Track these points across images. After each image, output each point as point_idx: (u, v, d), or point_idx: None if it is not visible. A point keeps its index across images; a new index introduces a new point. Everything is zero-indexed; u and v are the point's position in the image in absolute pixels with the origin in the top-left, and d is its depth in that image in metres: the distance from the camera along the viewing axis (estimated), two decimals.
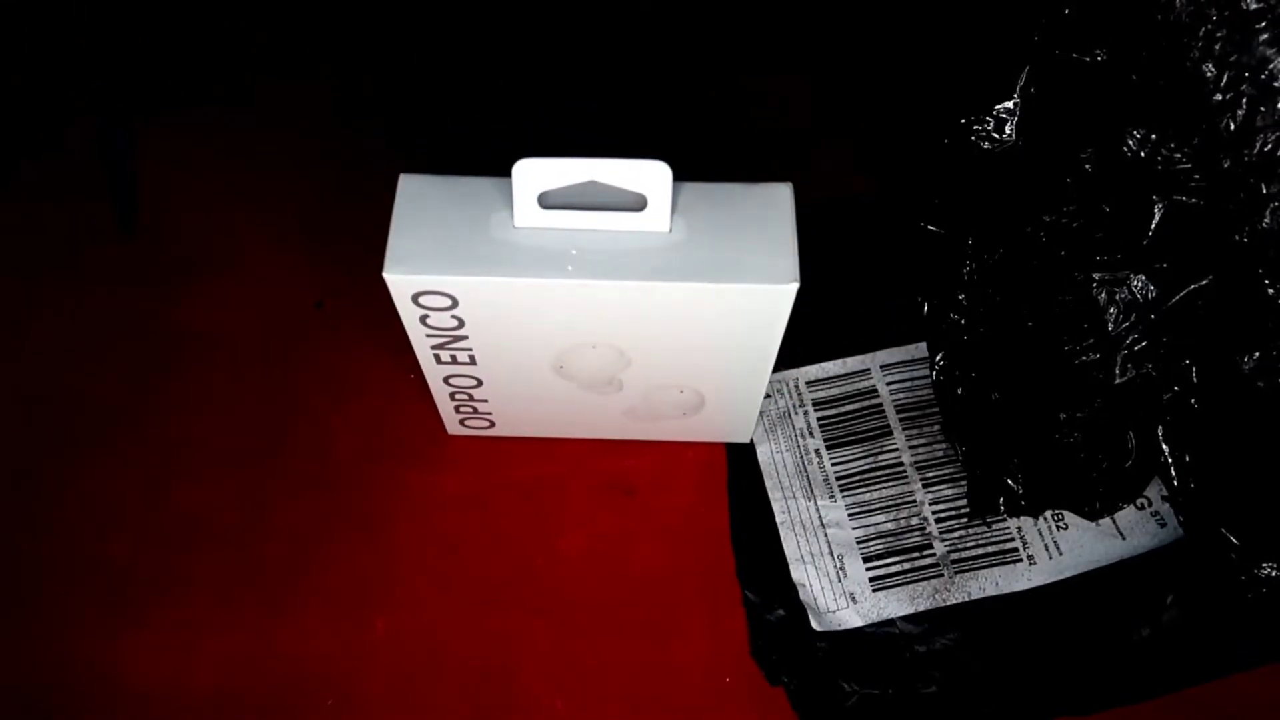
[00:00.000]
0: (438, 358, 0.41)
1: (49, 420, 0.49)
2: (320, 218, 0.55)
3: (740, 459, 0.48)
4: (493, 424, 0.47)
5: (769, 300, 0.36)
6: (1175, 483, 0.43)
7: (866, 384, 0.49)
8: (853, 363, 0.50)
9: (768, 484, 0.47)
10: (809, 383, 0.50)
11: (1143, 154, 0.41)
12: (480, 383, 0.43)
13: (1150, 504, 0.46)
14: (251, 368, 0.51)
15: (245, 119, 0.58)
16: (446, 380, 0.43)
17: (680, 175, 0.35)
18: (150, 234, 0.55)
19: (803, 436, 0.48)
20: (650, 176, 0.34)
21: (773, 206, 0.37)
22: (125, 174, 0.56)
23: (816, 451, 0.48)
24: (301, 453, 0.48)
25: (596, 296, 0.36)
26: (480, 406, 0.45)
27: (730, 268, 0.35)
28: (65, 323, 0.52)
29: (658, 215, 0.35)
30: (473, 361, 0.41)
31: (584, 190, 0.36)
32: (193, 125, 0.58)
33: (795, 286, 0.35)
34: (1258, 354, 0.40)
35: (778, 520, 0.47)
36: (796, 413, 0.49)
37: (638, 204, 0.35)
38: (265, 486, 0.48)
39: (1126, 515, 0.45)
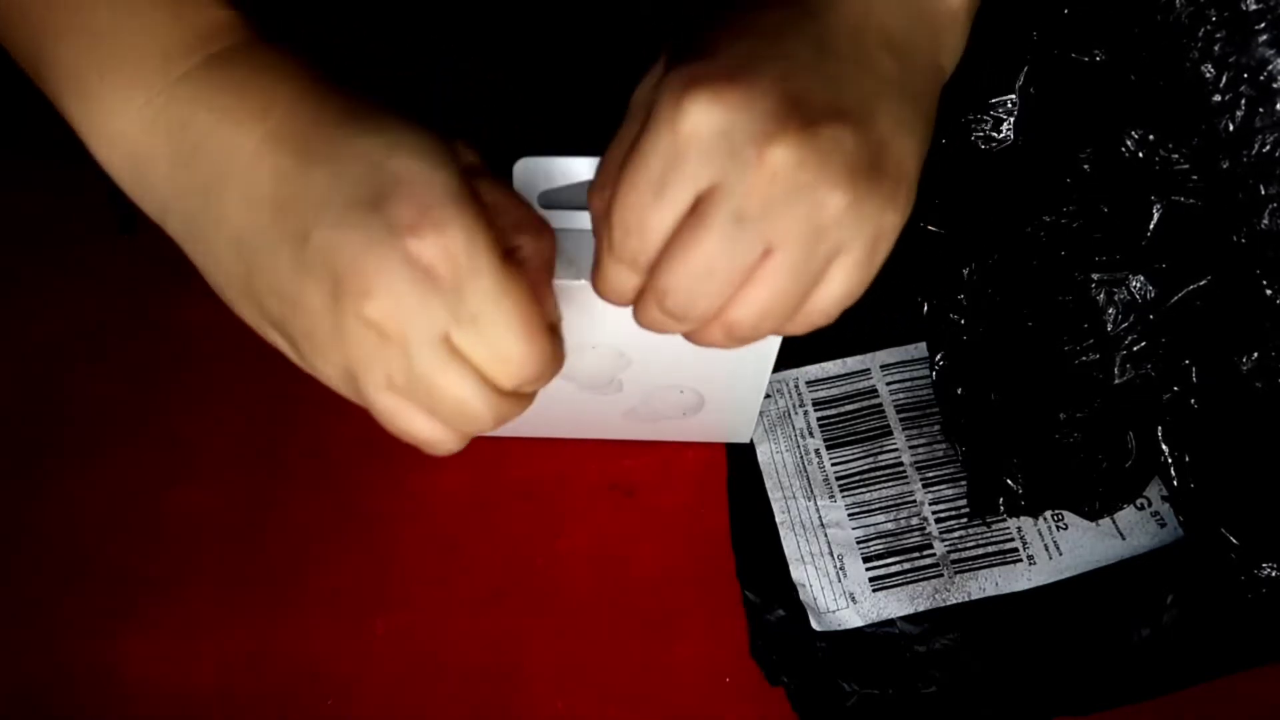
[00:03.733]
0: None
1: (49, 420, 0.49)
2: None
3: (740, 459, 0.48)
4: None
5: None
6: (1175, 483, 0.43)
7: (866, 384, 0.49)
8: (853, 363, 0.50)
9: (768, 484, 0.47)
10: (809, 383, 0.50)
11: (1141, 154, 0.41)
12: None
13: (1150, 504, 0.46)
14: (251, 368, 0.50)
15: None
16: None
17: None
18: (150, 233, 0.54)
19: (803, 436, 0.48)
20: None
21: None
22: None
23: (816, 451, 0.48)
24: (301, 453, 0.48)
25: (596, 298, 0.36)
26: None
27: None
28: (65, 323, 0.52)
29: None
30: None
31: (584, 190, 0.35)
32: None
33: None
34: (1256, 354, 0.40)
35: (778, 520, 0.47)
36: (796, 413, 0.49)
37: None
38: (265, 486, 0.48)
39: (1126, 515, 0.45)
